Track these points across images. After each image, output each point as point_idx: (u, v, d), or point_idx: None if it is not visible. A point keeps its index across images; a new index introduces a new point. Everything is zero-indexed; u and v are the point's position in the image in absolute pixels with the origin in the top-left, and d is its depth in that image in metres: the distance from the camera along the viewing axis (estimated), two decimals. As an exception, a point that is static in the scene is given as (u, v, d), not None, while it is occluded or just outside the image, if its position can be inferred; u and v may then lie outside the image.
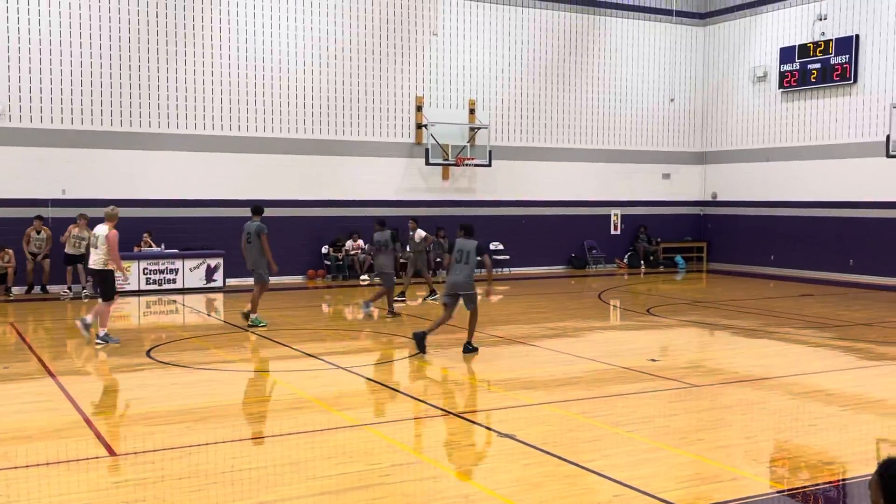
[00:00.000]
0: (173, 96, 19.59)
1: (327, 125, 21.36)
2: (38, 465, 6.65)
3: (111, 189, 18.81)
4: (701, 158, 26.49)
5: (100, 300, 12.19)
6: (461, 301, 11.47)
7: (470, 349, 11.51)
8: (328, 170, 21.30)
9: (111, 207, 12.28)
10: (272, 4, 20.58)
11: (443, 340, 12.17)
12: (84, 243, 17.37)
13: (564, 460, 6.75)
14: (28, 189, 18.13)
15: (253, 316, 13.65)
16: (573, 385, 9.62)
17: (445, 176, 22.92)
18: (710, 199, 26.41)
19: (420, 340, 11.39)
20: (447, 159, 22.27)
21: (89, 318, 11.99)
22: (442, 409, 8.48)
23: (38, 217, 17.78)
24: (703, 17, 26.25)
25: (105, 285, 11.99)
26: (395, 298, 15.44)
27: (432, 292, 17.24)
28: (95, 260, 11.98)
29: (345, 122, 21.58)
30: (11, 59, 17.97)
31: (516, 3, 23.52)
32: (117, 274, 12.43)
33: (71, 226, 17.51)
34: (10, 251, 17.48)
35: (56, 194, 18.38)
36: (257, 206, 14.31)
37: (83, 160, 18.70)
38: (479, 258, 11.49)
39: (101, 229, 11.95)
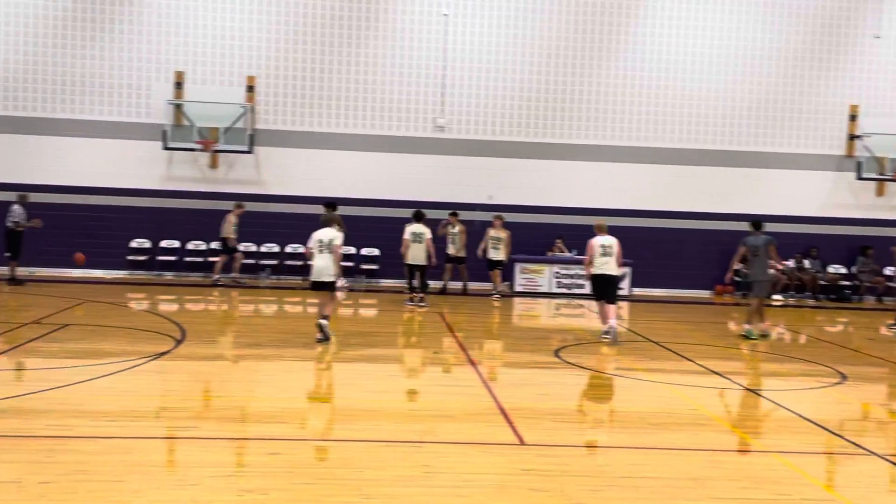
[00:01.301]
0: (589, 108, 20.35)
1: (745, 135, 20.56)
2: (456, 442, 7.30)
3: (530, 196, 20.15)
4: None
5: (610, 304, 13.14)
6: None
7: None
8: (739, 182, 20.48)
9: (599, 220, 13.77)
10: (688, 14, 20.34)
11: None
12: (500, 245, 18.52)
13: None
14: (455, 194, 20.02)
15: (747, 328, 13.95)
16: None
17: (880, 192, 20.69)
18: None
19: None
20: (883, 174, 20.10)
21: (612, 322, 12.97)
22: (862, 448, 7.67)
23: (453, 213, 18.79)
24: None
25: (613, 290, 13.18)
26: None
27: None
28: (611, 268, 13.08)
29: (765, 133, 20.58)
30: (447, 79, 20.07)
31: (982, -4, 20.43)
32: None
33: (488, 228, 18.88)
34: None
35: (483, 199, 20.09)
36: (758, 221, 14.54)
37: (508, 168, 20.24)
38: None
39: (608, 240, 13.20)
